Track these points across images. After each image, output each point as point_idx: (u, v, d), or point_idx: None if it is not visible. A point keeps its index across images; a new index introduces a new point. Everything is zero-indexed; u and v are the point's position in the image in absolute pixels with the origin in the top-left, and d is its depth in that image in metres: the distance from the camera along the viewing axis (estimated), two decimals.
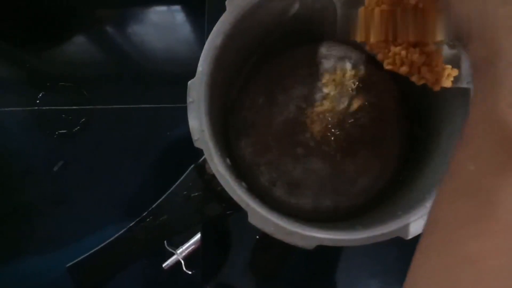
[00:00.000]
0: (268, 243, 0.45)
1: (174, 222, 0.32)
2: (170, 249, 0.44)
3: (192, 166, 0.32)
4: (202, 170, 0.33)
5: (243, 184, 0.32)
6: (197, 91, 0.31)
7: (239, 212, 0.30)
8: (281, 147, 0.41)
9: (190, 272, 0.44)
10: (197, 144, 0.30)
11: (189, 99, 0.31)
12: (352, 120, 0.39)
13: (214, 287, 0.44)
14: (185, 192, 0.32)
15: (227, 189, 0.29)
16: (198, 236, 0.45)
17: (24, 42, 0.55)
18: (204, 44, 0.32)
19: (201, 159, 0.32)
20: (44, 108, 0.51)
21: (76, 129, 0.50)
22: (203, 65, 0.32)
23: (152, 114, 0.50)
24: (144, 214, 0.31)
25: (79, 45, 0.54)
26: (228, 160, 0.33)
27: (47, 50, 0.54)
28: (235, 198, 0.29)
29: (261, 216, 0.29)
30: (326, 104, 0.40)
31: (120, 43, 0.55)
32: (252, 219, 0.29)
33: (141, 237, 0.31)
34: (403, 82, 0.35)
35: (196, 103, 0.31)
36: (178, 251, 0.45)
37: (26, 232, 0.49)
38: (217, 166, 0.30)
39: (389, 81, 0.41)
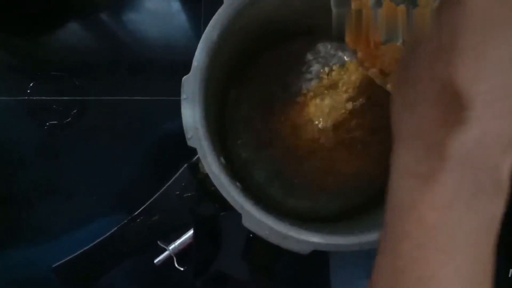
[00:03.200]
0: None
1: (165, 223, 0.31)
2: (162, 245, 0.43)
3: (185, 165, 0.31)
4: (196, 169, 0.32)
5: (238, 184, 0.31)
6: (191, 87, 0.30)
7: (233, 211, 0.29)
8: (278, 144, 0.40)
9: (182, 269, 0.44)
10: (190, 143, 0.29)
11: (183, 96, 0.30)
12: (353, 118, 0.38)
13: (205, 283, 0.44)
14: (177, 192, 0.31)
15: (220, 190, 0.28)
16: (191, 232, 0.44)
17: (16, 29, 0.53)
18: (201, 34, 0.31)
19: (195, 157, 0.31)
20: (34, 98, 0.49)
21: (67, 120, 0.49)
22: (199, 60, 0.31)
23: (146, 106, 0.49)
24: (135, 214, 0.30)
25: (73, 33, 0.53)
26: (222, 159, 0.32)
27: (39, 38, 0.53)
28: (228, 199, 0.28)
29: (255, 219, 0.28)
30: (326, 101, 0.39)
31: (115, 32, 0.54)
32: (246, 222, 0.28)
33: (132, 237, 0.30)
34: None
35: (191, 100, 0.30)
36: (171, 247, 0.44)
37: (14, 223, 0.48)
38: (211, 166, 0.29)
39: None
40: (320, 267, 0.44)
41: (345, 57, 0.40)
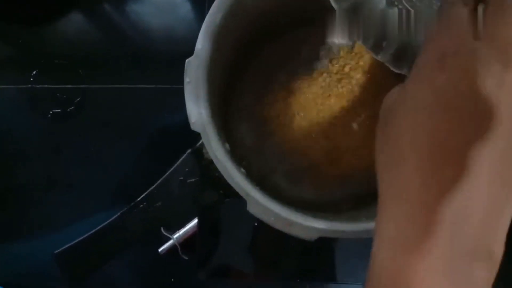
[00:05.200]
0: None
1: (168, 209, 0.30)
2: (167, 234, 0.43)
3: (188, 150, 0.31)
4: (200, 154, 0.31)
5: (242, 170, 0.30)
6: (195, 70, 0.29)
7: (238, 198, 0.29)
8: (284, 132, 0.39)
9: (186, 258, 0.43)
10: (194, 127, 0.28)
11: (186, 79, 0.29)
12: (361, 105, 0.37)
13: (208, 275, 0.44)
14: (181, 178, 0.30)
15: (225, 176, 0.28)
16: (196, 221, 0.43)
17: (18, 18, 0.53)
18: None
19: (199, 143, 0.31)
20: (37, 86, 0.49)
21: (70, 108, 0.48)
22: (202, 43, 0.30)
23: (150, 94, 0.48)
24: (138, 200, 0.30)
25: (76, 22, 0.52)
26: (227, 145, 0.31)
27: (43, 27, 0.52)
28: (233, 185, 0.28)
29: (261, 206, 0.27)
30: (333, 88, 0.38)
31: (118, 21, 0.53)
32: (251, 208, 0.27)
33: (134, 224, 0.30)
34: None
35: (194, 83, 0.29)
36: (175, 236, 0.44)
37: (16, 215, 0.47)
38: (215, 151, 0.28)
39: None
40: (325, 258, 0.44)
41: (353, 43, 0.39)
